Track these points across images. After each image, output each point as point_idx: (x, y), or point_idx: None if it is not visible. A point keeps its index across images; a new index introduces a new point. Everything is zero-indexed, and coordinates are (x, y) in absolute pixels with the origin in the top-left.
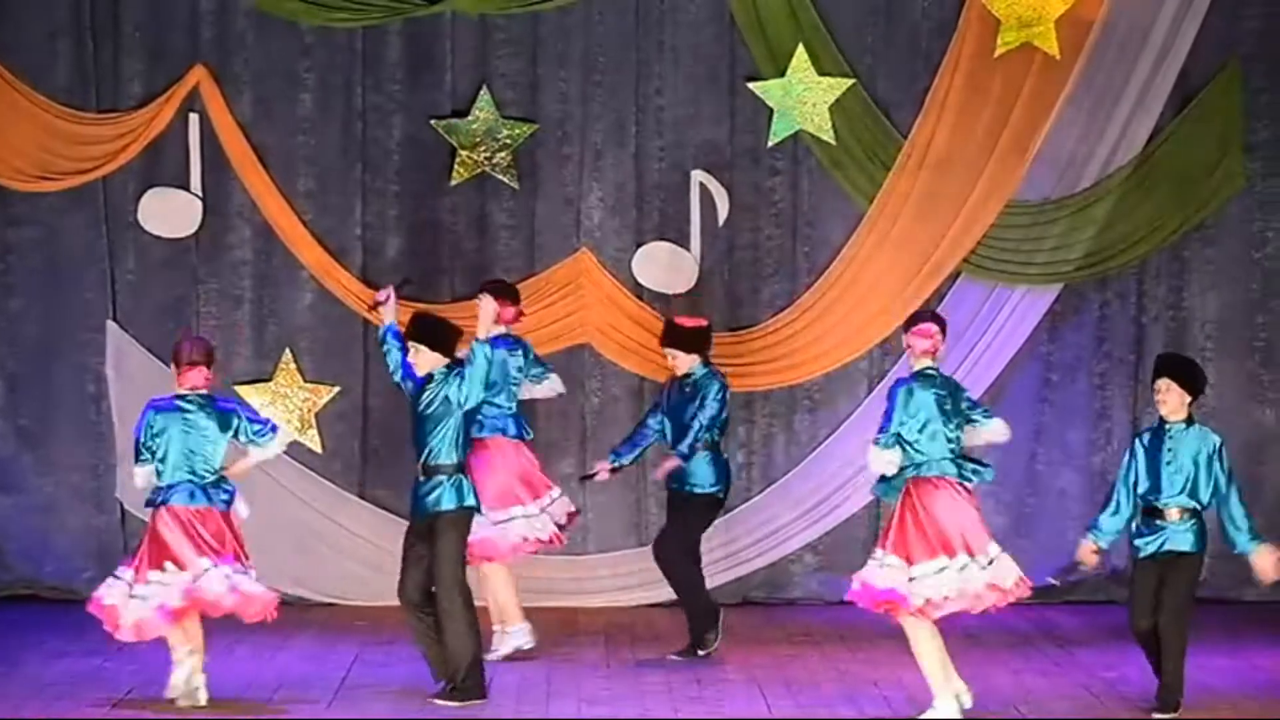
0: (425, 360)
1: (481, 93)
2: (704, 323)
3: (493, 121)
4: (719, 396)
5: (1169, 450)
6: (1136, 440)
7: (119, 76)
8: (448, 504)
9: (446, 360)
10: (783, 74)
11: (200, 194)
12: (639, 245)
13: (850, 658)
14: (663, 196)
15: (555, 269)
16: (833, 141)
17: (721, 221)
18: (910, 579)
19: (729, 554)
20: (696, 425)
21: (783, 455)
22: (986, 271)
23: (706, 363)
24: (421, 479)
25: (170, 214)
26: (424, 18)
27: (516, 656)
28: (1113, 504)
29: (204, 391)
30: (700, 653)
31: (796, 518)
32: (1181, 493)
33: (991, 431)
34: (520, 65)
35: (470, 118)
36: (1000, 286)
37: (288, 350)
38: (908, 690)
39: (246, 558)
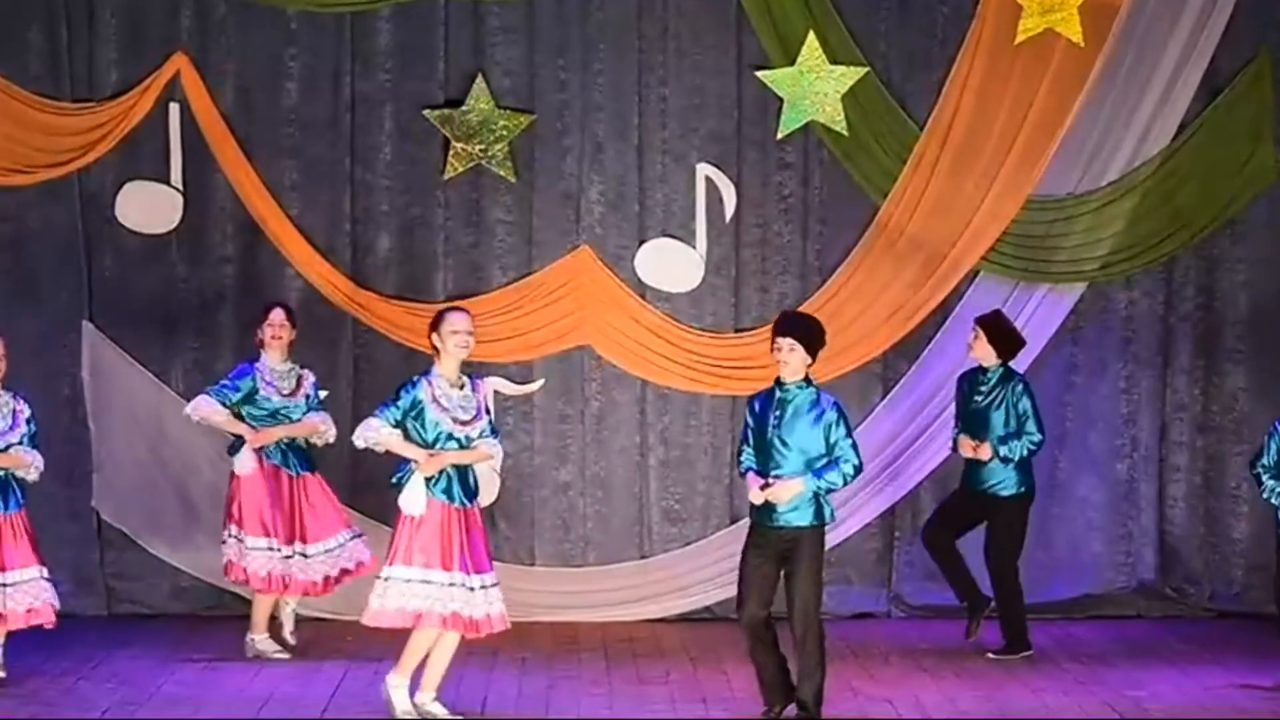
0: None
1: (476, 82)
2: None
3: (488, 112)
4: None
5: None
6: (1277, 424)
7: (95, 65)
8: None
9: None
10: (793, 62)
11: (181, 187)
12: (642, 242)
13: (863, 674)
14: (666, 191)
15: (554, 266)
16: (845, 133)
17: (728, 217)
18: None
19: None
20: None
21: None
22: (1007, 270)
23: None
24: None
25: (149, 208)
26: (416, 3)
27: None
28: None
29: None
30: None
31: None
32: None
33: None
34: (517, 53)
35: (465, 108)
36: (1021, 285)
37: None
38: (924, 708)
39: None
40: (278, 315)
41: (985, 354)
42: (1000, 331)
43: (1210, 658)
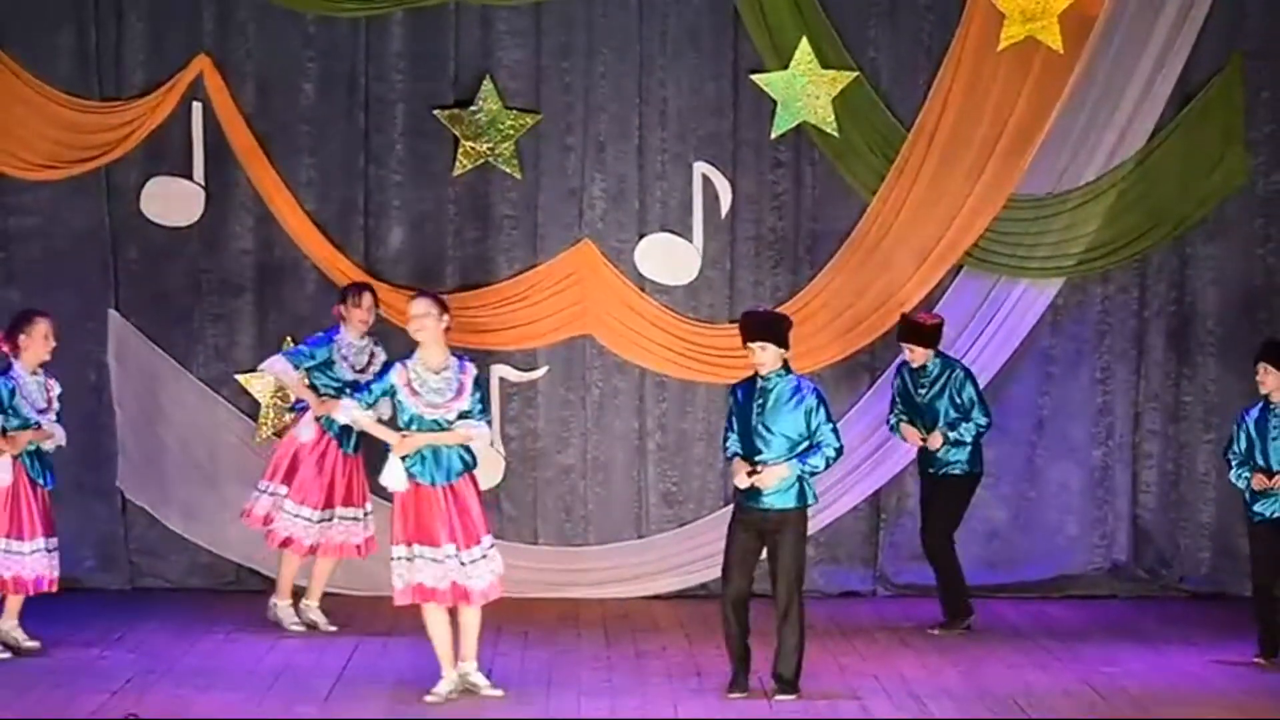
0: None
1: (485, 83)
2: (939, 319)
3: (496, 112)
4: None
5: (1275, 427)
6: (1244, 415)
7: (122, 65)
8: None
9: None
10: (786, 66)
11: (203, 183)
12: (641, 236)
13: (851, 651)
14: (665, 188)
15: (557, 259)
16: (836, 134)
17: (724, 213)
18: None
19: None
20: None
21: None
22: (989, 265)
23: (939, 353)
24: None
25: (173, 203)
26: (427, 7)
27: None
28: (1235, 463)
29: None
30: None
31: None
32: None
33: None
34: (523, 55)
35: (473, 108)
36: (1003, 280)
37: (289, 340)
38: (908, 684)
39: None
40: (368, 300)
41: (922, 356)
42: (919, 331)
43: (1180, 636)
